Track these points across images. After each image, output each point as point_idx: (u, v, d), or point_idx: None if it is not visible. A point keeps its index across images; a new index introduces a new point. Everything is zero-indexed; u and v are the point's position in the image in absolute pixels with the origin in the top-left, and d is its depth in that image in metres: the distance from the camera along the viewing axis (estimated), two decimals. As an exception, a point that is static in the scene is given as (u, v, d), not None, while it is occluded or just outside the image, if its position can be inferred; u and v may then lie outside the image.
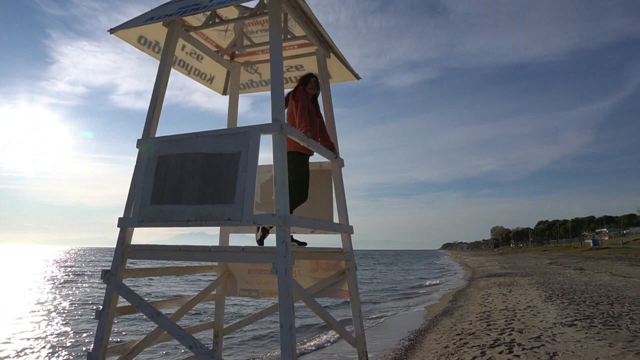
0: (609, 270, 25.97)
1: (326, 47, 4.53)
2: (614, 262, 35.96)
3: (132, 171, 3.70)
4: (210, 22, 4.27)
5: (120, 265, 3.53)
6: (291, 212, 3.66)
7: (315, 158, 4.44)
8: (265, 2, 4.02)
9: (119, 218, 3.59)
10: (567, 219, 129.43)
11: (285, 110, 4.08)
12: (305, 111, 3.92)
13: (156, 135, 3.80)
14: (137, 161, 3.69)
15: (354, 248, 4.48)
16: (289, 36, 4.51)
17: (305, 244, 4.12)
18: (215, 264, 4.91)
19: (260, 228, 3.92)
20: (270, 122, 3.24)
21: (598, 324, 8.36)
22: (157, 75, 3.90)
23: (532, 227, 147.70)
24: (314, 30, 4.25)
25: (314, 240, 4.63)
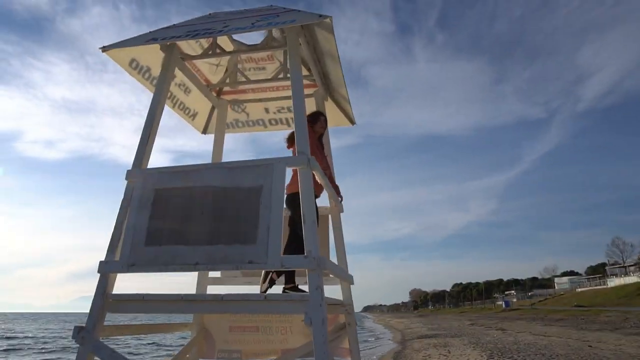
0: (528, 330, 27.19)
1: (326, 88, 4.41)
2: (529, 322, 37.88)
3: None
4: (210, 52, 3.99)
5: (99, 321, 2.87)
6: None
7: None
8: (274, 36, 3.86)
9: (100, 262, 2.98)
10: (479, 281, 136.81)
11: (291, 150, 3.82)
12: (316, 149, 3.69)
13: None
14: (125, 195, 3.17)
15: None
16: (288, 75, 4.34)
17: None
18: (190, 321, 4.26)
19: (268, 279, 3.47)
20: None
21: (551, 382, 8.49)
22: (152, 102, 3.48)
23: (448, 290, 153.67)
24: (320, 69, 4.13)
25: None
